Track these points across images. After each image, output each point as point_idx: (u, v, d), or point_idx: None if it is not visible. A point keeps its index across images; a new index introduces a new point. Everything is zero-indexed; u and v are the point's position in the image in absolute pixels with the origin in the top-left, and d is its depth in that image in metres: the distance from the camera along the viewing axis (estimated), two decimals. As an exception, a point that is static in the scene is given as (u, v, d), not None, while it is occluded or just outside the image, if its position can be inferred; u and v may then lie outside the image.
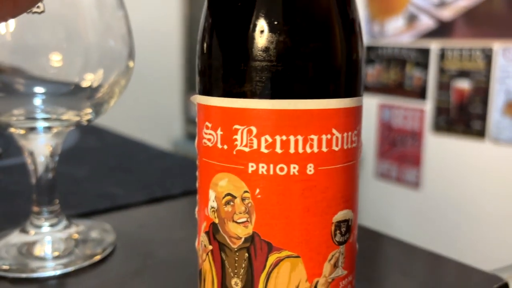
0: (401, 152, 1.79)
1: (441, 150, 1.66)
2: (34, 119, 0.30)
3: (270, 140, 0.18)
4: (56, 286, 0.29)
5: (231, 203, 0.19)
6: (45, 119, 0.30)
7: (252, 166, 0.19)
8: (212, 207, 0.20)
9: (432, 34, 1.67)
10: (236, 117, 0.19)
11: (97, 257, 0.32)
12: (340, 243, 0.20)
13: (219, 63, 0.19)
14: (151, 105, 2.07)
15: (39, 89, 0.30)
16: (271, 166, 0.19)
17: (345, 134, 0.20)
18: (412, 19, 1.72)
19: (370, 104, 1.88)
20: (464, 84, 1.59)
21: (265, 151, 0.19)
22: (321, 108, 0.19)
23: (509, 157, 1.49)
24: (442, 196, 1.66)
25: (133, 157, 0.58)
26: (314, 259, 0.19)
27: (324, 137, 0.19)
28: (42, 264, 0.30)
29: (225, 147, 0.19)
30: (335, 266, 0.20)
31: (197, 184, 0.22)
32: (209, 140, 0.20)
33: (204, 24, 0.20)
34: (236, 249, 0.19)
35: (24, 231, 0.33)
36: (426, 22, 1.68)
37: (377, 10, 1.83)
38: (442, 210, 1.64)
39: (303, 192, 0.19)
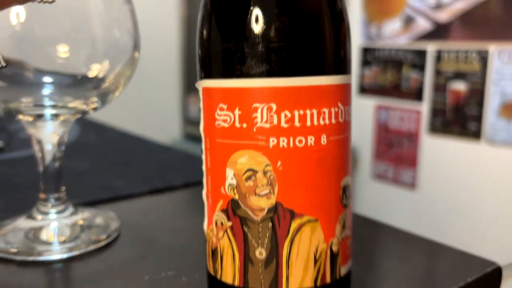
0: (397, 153, 1.80)
1: (437, 151, 1.68)
2: (42, 106, 0.30)
3: (289, 115, 0.20)
4: (62, 269, 0.30)
5: (253, 178, 0.21)
6: (53, 107, 0.31)
7: (273, 141, 0.20)
8: (231, 185, 0.21)
9: (429, 36, 1.68)
10: (255, 96, 0.20)
11: (102, 242, 0.32)
12: (345, 206, 0.22)
13: (237, 47, 0.20)
14: (149, 105, 2.08)
15: (46, 79, 0.31)
16: (291, 139, 0.20)
17: (346, 108, 0.22)
18: (409, 21, 1.73)
19: (367, 105, 1.89)
20: (460, 86, 1.61)
21: (285, 125, 0.20)
22: (330, 83, 0.21)
23: (505, 158, 1.50)
24: (438, 197, 1.67)
25: (133, 151, 0.59)
26: (329, 221, 0.21)
27: (333, 110, 0.21)
28: (48, 248, 0.31)
29: (244, 125, 0.20)
30: (343, 227, 0.22)
31: (204, 168, 0.23)
32: (224, 121, 0.21)
33: (210, 8, 0.21)
34: (259, 221, 0.21)
35: (31, 217, 0.34)
36: (422, 24, 1.69)
37: (374, 12, 1.84)
38: (438, 211, 1.65)
39: (318, 161, 0.21)
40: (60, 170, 0.34)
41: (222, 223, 0.22)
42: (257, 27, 0.20)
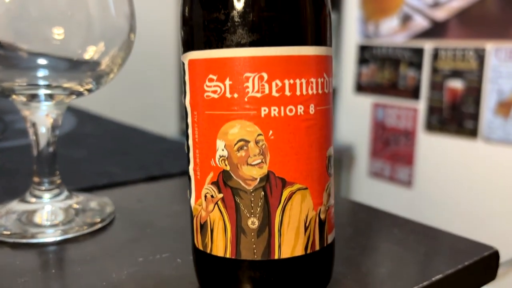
0: (394, 151, 1.80)
1: (434, 149, 1.68)
2: (36, 86, 0.30)
3: (280, 84, 0.20)
4: (56, 251, 0.29)
5: (245, 148, 0.21)
6: (47, 87, 0.30)
7: (264, 110, 0.20)
8: (222, 156, 0.21)
9: (426, 34, 1.68)
10: (247, 65, 0.20)
11: (97, 226, 0.32)
12: (330, 175, 0.23)
13: (229, 17, 0.20)
14: (146, 102, 2.08)
15: (41, 61, 0.30)
16: (282, 108, 0.21)
17: (330, 79, 0.22)
18: (406, 19, 1.73)
19: (364, 103, 1.89)
20: (457, 84, 1.61)
21: (276, 94, 0.20)
22: (318, 54, 0.21)
23: (501, 156, 1.50)
24: (435, 195, 1.67)
25: (130, 141, 0.59)
26: (317, 189, 0.22)
27: (320, 80, 0.21)
28: (41, 230, 0.31)
29: (235, 95, 0.20)
30: (329, 195, 0.23)
31: (191, 142, 0.22)
32: (214, 92, 0.21)
33: None
34: (251, 190, 0.21)
35: (24, 200, 0.33)
36: (420, 23, 1.70)
37: (371, 11, 1.84)
38: (434, 208, 1.65)
39: (307, 130, 0.21)
40: (54, 154, 0.34)
41: (212, 196, 0.22)
42: None
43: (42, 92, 0.31)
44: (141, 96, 2.01)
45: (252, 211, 0.21)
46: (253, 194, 0.21)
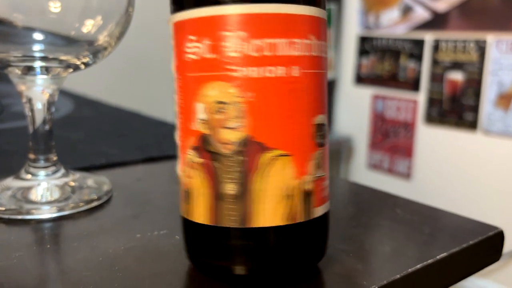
0: (393, 143, 1.80)
1: (433, 141, 1.67)
2: (32, 58, 0.29)
3: (259, 43, 0.19)
4: (52, 227, 0.29)
5: (223, 110, 0.20)
6: (43, 59, 0.30)
7: (243, 71, 0.20)
8: (201, 119, 0.20)
9: (427, 25, 1.67)
10: (225, 24, 0.19)
11: (94, 203, 0.31)
12: (319, 145, 0.22)
13: None
14: (145, 87, 2.06)
15: (38, 35, 0.29)
16: (261, 69, 0.20)
17: (320, 42, 0.21)
18: (407, 10, 1.72)
19: (364, 95, 1.88)
20: (457, 76, 1.60)
21: (255, 54, 0.20)
22: (301, 13, 0.20)
23: (501, 148, 1.50)
24: (433, 187, 1.67)
25: (129, 124, 0.58)
26: (301, 157, 0.21)
27: (305, 41, 0.20)
28: (37, 207, 0.30)
29: (214, 56, 0.20)
30: (318, 166, 0.22)
31: (177, 108, 0.22)
32: (193, 53, 0.20)
33: None
34: (230, 154, 0.20)
35: (19, 177, 0.33)
36: (421, 14, 1.69)
37: (372, 2, 1.83)
38: (433, 200, 1.65)
39: (290, 93, 0.20)
40: (51, 131, 0.33)
41: (192, 161, 0.21)
42: None
43: (38, 64, 0.30)
44: (140, 80, 1.99)
45: (230, 176, 0.20)
46: (231, 159, 0.20)
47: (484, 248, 0.29)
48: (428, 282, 0.25)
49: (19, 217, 0.29)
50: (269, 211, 0.20)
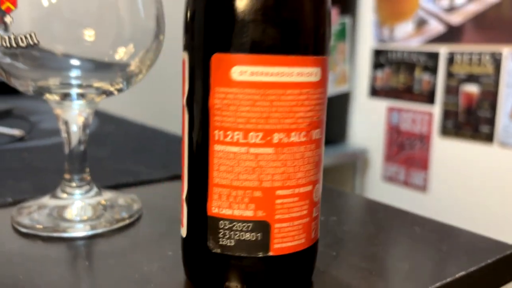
0: (409, 155, 1.80)
1: (449, 153, 1.67)
2: (69, 85, 0.31)
3: None
4: (87, 245, 0.30)
5: None
6: (79, 86, 0.31)
7: None
8: None
9: (441, 38, 1.68)
10: None
11: (125, 221, 0.33)
12: None
13: None
14: (165, 104, 2.09)
15: (74, 62, 0.31)
16: None
17: None
18: (421, 23, 1.73)
19: (379, 107, 1.89)
20: (472, 88, 1.60)
21: None
22: None
23: (517, 161, 1.49)
24: (450, 200, 1.66)
25: (152, 141, 0.60)
26: None
27: None
28: (72, 225, 0.32)
29: None
30: None
31: None
32: None
33: None
34: None
35: (55, 196, 0.34)
36: (435, 27, 1.69)
37: (386, 15, 1.84)
38: (449, 213, 1.64)
39: None
40: (85, 152, 0.35)
41: None
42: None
43: (74, 91, 0.32)
44: (161, 97, 2.02)
45: None
46: None
47: (501, 267, 0.30)
48: (447, 300, 0.26)
49: (55, 234, 0.31)
50: None
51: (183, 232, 0.25)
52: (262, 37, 0.21)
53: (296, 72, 0.22)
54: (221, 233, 0.23)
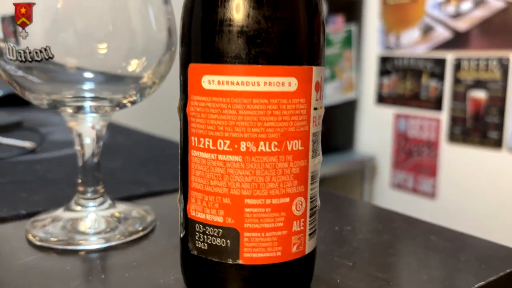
0: (417, 162, 1.79)
1: (457, 160, 1.66)
2: (83, 98, 0.31)
3: None
4: (102, 257, 0.30)
5: None
6: (93, 99, 0.32)
7: None
8: None
9: (448, 44, 1.68)
10: None
11: (139, 233, 0.33)
12: None
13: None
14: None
15: (87, 75, 0.31)
16: None
17: None
18: (427, 30, 1.73)
19: (386, 114, 1.88)
20: (480, 94, 1.60)
21: None
22: None
23: (527, 166, 1.48)
24: (459, 206, 1.65)
25: (163, 151, 0.60)
26: None
27: None
28: (86, 237, 0.32)
29: None
30: None
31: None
32: None
33: None
34: None
35: (69, 209, 0.34)
36: (441, 33, 1.69)
37: (392, 22, 1.84)
38: (458, 220, 1.63)
39: None
40: (98, 164, 0.35)
41: None
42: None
43: (88, 104, 0.32)
44: (171, 107, 2.03)
45: None
46: None
47: (520, 276, 0.29)
48: (467, 311, 0.26)
49: (70, 247, 0.31)
50: None
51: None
52: (228, 48, 0.22)
53: (262, 81, 0.21)
54: (197, 236, 0.23)
